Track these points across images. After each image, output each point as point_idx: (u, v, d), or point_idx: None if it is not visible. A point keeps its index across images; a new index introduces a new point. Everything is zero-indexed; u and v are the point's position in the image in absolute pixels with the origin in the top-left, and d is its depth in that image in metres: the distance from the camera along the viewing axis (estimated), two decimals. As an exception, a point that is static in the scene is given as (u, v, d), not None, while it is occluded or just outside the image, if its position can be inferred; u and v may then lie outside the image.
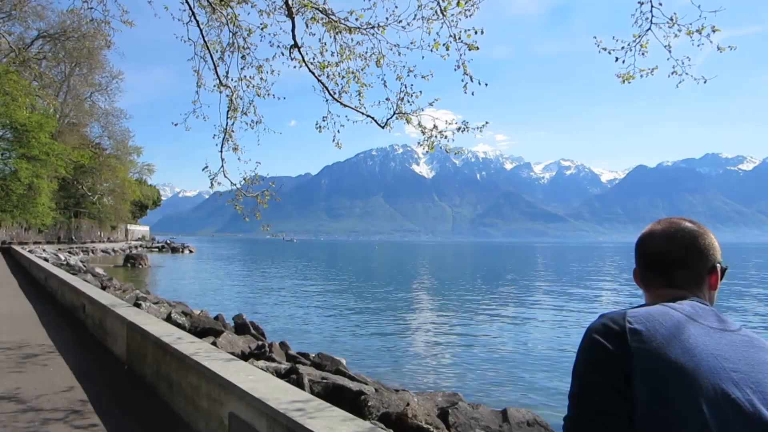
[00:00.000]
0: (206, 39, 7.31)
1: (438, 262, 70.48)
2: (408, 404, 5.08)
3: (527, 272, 48.46)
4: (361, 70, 7.12)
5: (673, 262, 1.59)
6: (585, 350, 1.44)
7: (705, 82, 5.90)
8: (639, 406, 1.34)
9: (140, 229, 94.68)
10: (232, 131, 7.62)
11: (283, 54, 7.05)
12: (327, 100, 7.19)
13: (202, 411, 4.52)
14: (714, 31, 5.42)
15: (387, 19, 6.61)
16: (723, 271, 1.61)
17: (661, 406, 1.32)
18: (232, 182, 7.70)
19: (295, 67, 7.08)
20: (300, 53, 6.96)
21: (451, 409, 5.73)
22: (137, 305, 10.97)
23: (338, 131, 7.24)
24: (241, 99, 7.53)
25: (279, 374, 6.71)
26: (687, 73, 5.82)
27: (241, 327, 12.18)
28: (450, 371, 11.43)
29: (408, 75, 6.92)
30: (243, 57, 7.34)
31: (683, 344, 1.38)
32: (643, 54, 5.85)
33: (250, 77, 7.40)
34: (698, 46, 5.54)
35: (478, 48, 6.19)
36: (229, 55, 7.40)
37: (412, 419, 4.77)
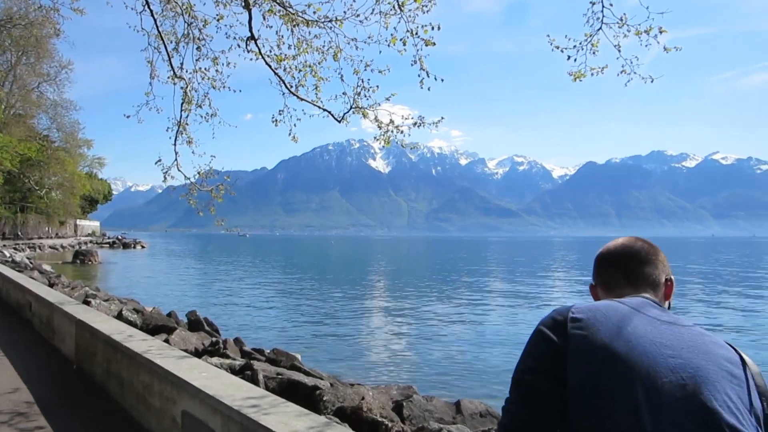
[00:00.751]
0: (160, 29, 7.10)
1: (393, 257, 70.87)
2: (363, 398, 5.12)
3: (481, 266, 49.29)
4: (318, 63, 7.07)
5: (629, 272, 1.70)
6: (530, 340, 1.53)
7: (652, 82, 6.10)
8: (572, 389, 1.41)
9: (90, 224, 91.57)
10: (187, 124, 7.44)
11: (239, 46, 6.93)
12: (283, 94, 7.11)
13: (153, 410, 4.44)
14: (661, 32, 5.61)
15: (345, 12, 6.58)
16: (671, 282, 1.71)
17: (593, 389, 1.39)
18: (185, 176, 7.54)
19: (251, 59, 6.97)
20: (256, 45, 6.85)
21: (405, 402, 5.80)
22: (87, 303, 10.64)
23: (294, 125, 7.18)
24: (195, 91, 7.36)
25: (233, 371, 6.64)
26: (635, 73, 6.01)
27: (195, 324, 11.96)
28: (406, 365, 11.54)
29: (365, 69, 6.91)
30: (198, 48, 7.17)
31: (621, 331, 1.45)
32: (594, 53, 6.00)
33: (205, 69, 7.24)
34: (646, 46, 5.73)
35: (434, 44, 6.24)
36: (183, 47, 7.22)
37: (367, 413, 4.80)
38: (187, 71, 7.31)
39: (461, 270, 43.34)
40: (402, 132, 7.18)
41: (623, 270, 1.72)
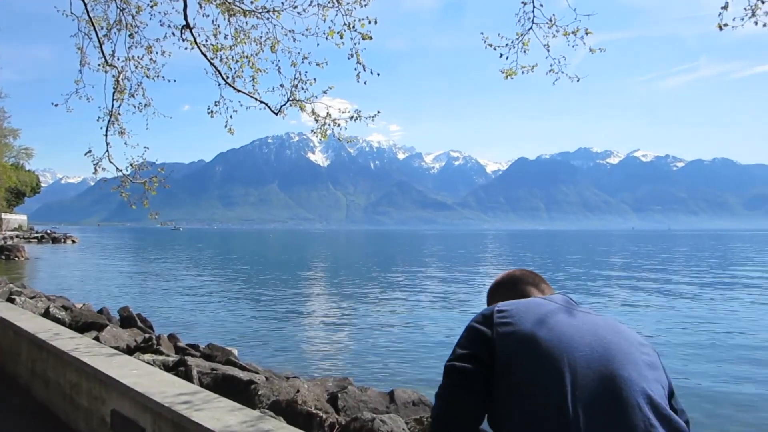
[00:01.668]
0: (91, 14, 6.77)
1: (331, 250, 70.74)
2: (298, 391, 5.14)
3: (416, 259, 50.03)
4: (256, 54, 6.95)
5: (537, 285, 1.96)
6: (462, 334, 1.70)
7: (578, 81, 6.38)
8: (500, 371, 1.57)
9: (16, 218, 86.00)
10: (119, 114, 7.15)
11: (174, 35, 6.71)
12: (219, 85, 6.96)
13: (82, 410, 4.30)
14: (587, 34, 5.87)
15: (282, 3, 6.49)
16: None
17: (519, 369, 1.56)
18: (117, 168, 7.24)
19: (186, 48, 6.77)
20: (192, 34, 6.66)
21: (340, 394, 5.87)
22: (11, 300, 10.17)
23: (231, 117, 7.03)
24: (128, 80, 7.07)
25: (167, 367, 6.53)
26: (563, 72, 6.25)
27: (127, 320, 11.60)
28: (342, 357, 11.62)
29: (302, 62, 6.85)
30: (131, 36, 6.89)
31: (542, 318, 1.62)
32: (524, 52, 6.20)
33: (138, 57, 6.97)
34: (573, 47, 5.98)
35: (371, 38, 6.28)
36: (115, 33, 6.92)
37: (302, 405, 4.83)
38: (119, 59, 7.02)
39: (397, 263, 43.84)
40: (339, 125, 7.19)
41: (532, 283, 1.96)
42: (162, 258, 48.72)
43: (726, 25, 5.19)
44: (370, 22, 6.19)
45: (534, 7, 5.92)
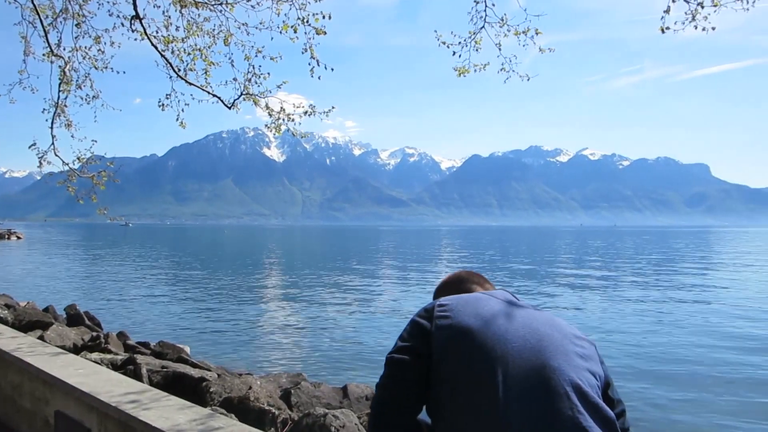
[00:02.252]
0: (36, 2, 6.48)
1: (286, 246, 70.08)
2: (250, 388, 5.10)
3: (371, 255, 50.15)
4: (208, 47, 6.81)
5: (475, 284, 2.04)
6: (404, 328, 1.77)
7: (528, 80, 6.52)
8: (437, 363, 1.64)
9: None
10: (65, 106, 6.88)
11: (123, 25, 6.51)
12: (171, 77, 6.79)
13: (24, 412, 4.16)
14: (537, 34, 6.01)
15: (236, -4, 6.41)
16: None
17: (451, 360, 1.63)
18: (64, 162, 6.99)
19: (136, 39, 6.58)
20: (142, 25, 6.47)
21: (293, 390, 5.85)
22: (-53, 299, 9.61)
23: (182, 110, 6.88)
24: (75, 71, 6.81)
25: (115, 366, 6.38)
26: (513, 71, 6.39)
27: (74, 318, 11.23)
28: (296, 353, 11.57)
29: (256, 56, 6.77)
30: (78, 25, 6.63)
31: (480, 311, 1.69)
32: (477, 50, 6.30)
33: (86, 48, 6.72)
34: (524, 46, 6.11)
35: (325, 33, 6.26)
36: (62, 22, 6.63)
37: (254, 402, 4.80)
38: (65, 49, 6.76)
39: (352, 259, 43.83)
40: (293, 120, 7.15)
41: (477, 283, 2.05)
42: (111, 254, 47.21)
43: (668, 28, 5.43)
44: (324, 17, 6.16)
45: (486, 6, 6.02)
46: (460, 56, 6.26)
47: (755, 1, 4.95)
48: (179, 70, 6.80)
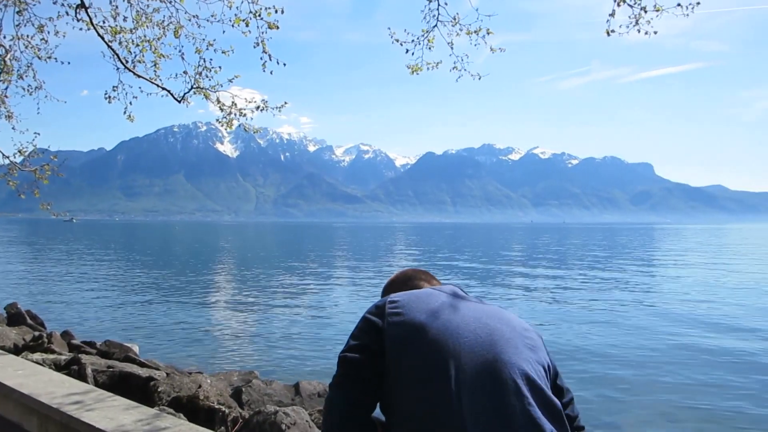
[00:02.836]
0: (-28, -11, 6.18)
1: (239, 243, 68.97)
2: (200, 386, 5.02)
3: (325, 251, 49.95)
4: (158, 39, 6.64)
5: (422, 281, 2.06)
6: (356, 325, 1.78)
7: (480, 79, 6.63)
8: (390, 359, 1.65)
9: None
10: (6, 97, 6.59)
11: (68, 14, 6.25)
12: (118, 69, 6.59)
13: (-45, 415, 3.94)
14: (488, 34, 6.11)
15: (187, -13, 6.27)
16: None
17: (404, 357, 1.66)
18: (4, 155, 6.69)
19: (81, 29, 6.34)
20: (88, 15, 6.24)
21: (244, 388, 5.79)
22: None
23: (130, 103, 6.70)
24: (17, 60, 6.52)
25: (58, 367, 6.17)
26: (465, 70, 6.49)
27: (15, 317, 10.80)
28: (248, 350, 11.43)
29: (207, 49, 6.65)
30: (19, 12, 6.33)
31: (431, 307, 1.72)
32: (430, 48, 6.36)
33: (28, 36, 6.44)
34: (476, 45, 6.22)
35: (278, 27, 6.19)
36: (2, 9, 6.34)
37: (204, 401, 4.72)
38: (6, 37, 6.46)
39: (305, 255, 43.56)
40: (245, 115, 7.07)
41: (424, 280, 2.06)
42: (56, 251, 45.34)
43: (613, 31, 5.63)
44: (277, 12, 6.09)
45: (439, 5, 6.09)
46: (413, 54, 6.32)
47: (694, 7, 5.20)
48: (127, 61, 6.60)
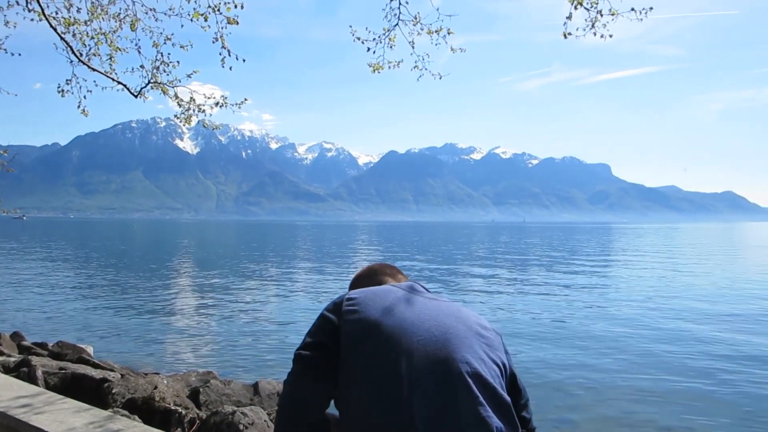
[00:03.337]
0: None
1: (199, 241, 67.74)
2: (156, 387, 4.92)
3: (287, 249, 49.55)
4: (114, 32, 6.47)
5: (387, 275, 2.09)
6: (314, 322, 1.79)
7: (440, 78, 6.70)
8: (341, 356, 1.67)
9: None
10: (-50, 89, 6.30)
11: (18, 3, 6.03)
12: (72, 62, 6.40)
13: None
14: (449, 33, 6.18)
15: (144, -21, 6.12)
16: None
17: (358, 354, 1.68)
18: (-51, 148, 6.40)
19: (33, 20, 6.12)
20: (39, 5, 6.03)
21: (202, 388, 5.70)
22: None
23: (84, 97, 6.51)
24: (-37, 50, 6.26)
25: (6, 369, 5.97)
26: (426, 69, 6.55)
27: (-40, 319, 10.33)
28: (207, 350, 11.25)
29: (165, 43, 6.53)
30: (-35, 0, 6.08)
31: (388, 305, 1.73)
32: (391, 47, 6.39)
33: (-25, 25, 6.18)
34: (436, 45, 6.28)
35: (237, 22, 6.11)
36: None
37: (160, 402, 4.64)
38: (-50, 27, 6.18)
39: (267, 254, 43.12)
40: (204, 112, 6.98)
41: (389, 274, 2.09)
42: (6, 250, 43.62)
43: (570, 34, 5.76)
44: (236, 6, 6.02)
45: (400, 3, 6.12)
46: (374, 53, 6.34)
47: (647, 12, 5.37)
48: (81, 54, 6.42)
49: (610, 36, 5.54)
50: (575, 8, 5.45)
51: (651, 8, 5.18)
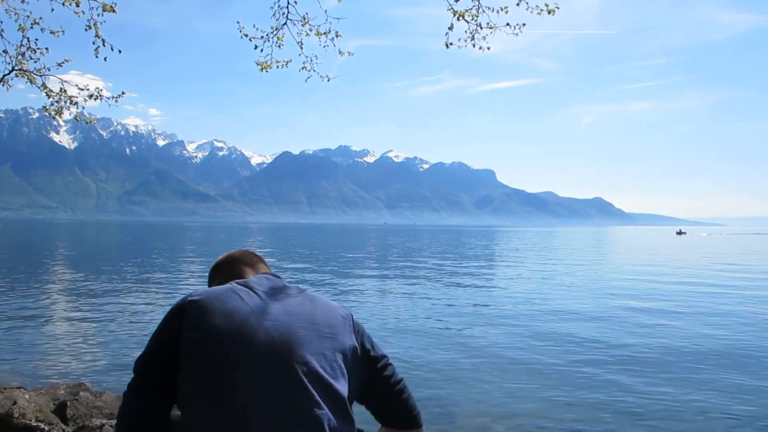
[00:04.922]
0: None
1: (74, 243, 62.63)
2: (15, 403, 4.50)
3: (172, 252, 47.24)
4: (-26, 13, 5.89)
5: (247, 265, 2.09)
6: (157, 327, 1.76)
7: (328, 80, 6.73)
8: (182, 363, 1.65)
9: None
10: None
11: None
12: (-77, 44, 5.72)
13: None
14: (337, 36, 6.23)
15: (7, -43, 5.61)
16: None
17: (196, 361, 1.64)
18: None
19: None
20: None
21: (70, 402, 5.28)
22: None
23: (-62, 83, 5.86)
24: None
25: None
26: (315, 70, 6.54)
27: None
28: (80, 360, 10.42)
29: (32, 27, 6.04)
30: None
31: (227, 309, 1.69)
32: (279, 47, 6.33)
33: None
34: (325, 47, 6.29)
35: (114, 10, 5.77)
36: None
37: (19, 419, 4.24)
38: None
39: (150, 256, 40.82)
40: (76, 104, 6.54)
41: (249, 263, 2.10)
42: None
43: (451, 44, 6.02)
44: (113, -8, 5.69)
45: (288, 3, 6.07)
46: (262, 51, 6.24)
47: (521, 27, 5.75)
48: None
49: (488, 48, 5.86)
50: (457, 20, 5.71)
51: (524, 24, 5.56)
